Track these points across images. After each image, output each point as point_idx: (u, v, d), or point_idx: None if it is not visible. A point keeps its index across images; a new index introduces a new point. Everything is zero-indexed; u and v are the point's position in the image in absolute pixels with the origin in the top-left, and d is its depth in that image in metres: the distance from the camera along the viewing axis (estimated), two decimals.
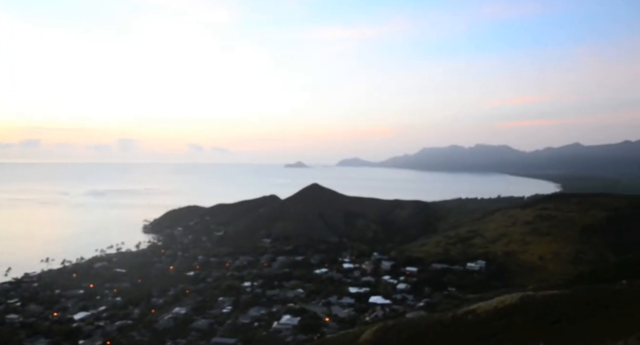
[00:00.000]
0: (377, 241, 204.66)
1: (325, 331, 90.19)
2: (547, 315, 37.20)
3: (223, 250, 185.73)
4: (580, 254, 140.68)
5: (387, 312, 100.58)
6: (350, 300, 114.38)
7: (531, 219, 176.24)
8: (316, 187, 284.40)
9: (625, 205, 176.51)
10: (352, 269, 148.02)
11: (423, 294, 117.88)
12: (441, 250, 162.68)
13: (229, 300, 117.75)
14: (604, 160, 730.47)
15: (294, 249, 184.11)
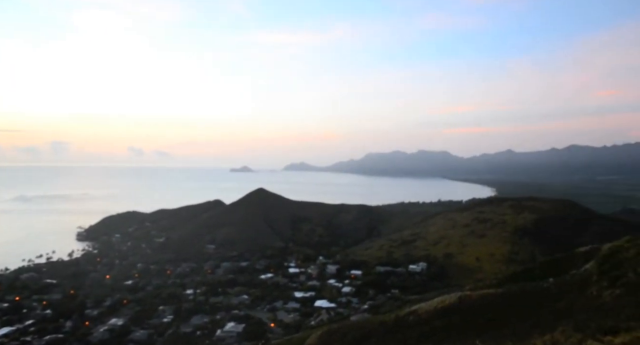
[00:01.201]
0: (323, 245, 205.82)
1: (270, 337, 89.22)
2: (483, 313, 38.94)
3: (164, 257, 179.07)
4: (513, 254, 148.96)
5: (332, 315, 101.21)
6: (296, 305, 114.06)
7: (469, 222, 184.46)
8: (262, 192, 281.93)
9: (552, 207, 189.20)
10: (297, 273, 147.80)
11: (367, 296, 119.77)
12: (385, 253, 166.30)
13: (170, 309, 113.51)
14: (534, 166, 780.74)
15: (239, 255, 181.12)
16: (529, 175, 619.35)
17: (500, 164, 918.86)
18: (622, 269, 35.91)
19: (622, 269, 35.96)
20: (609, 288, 34.55)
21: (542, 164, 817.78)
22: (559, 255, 65.96)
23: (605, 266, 38.14)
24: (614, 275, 35.88)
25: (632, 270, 34.83)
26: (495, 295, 42.83)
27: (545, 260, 70.82)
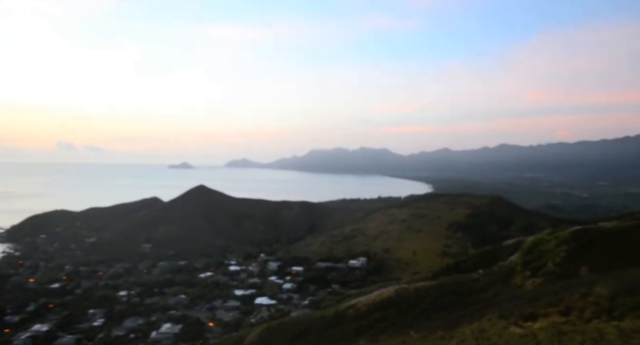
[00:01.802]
0: (265, 242, 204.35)
1: (209, 337, 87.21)
2: (418, 305, 40.19)
3: (95, 258, 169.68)
4: (446, 248, 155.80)
5: (273, 312, 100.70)
6: (236, 303, 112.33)
7: (407, 217, 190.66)
8: (202, 189, 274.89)
9: (484, 203, 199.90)
10: (238, 271, 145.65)
11: (308, 292, 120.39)
12: (326, 249, 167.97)
13: (101, 312, 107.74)
14: (468, 163, 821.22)
15: (177, 254, 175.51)
16: (463, 172, 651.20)
17: (437, 161, 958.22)
18: (543, 260, 38.39)
19: (543, 259, 38.44)
20: (531, 277, 36.81)
21: (475, 162, 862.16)
22: (488, 248, 69.77)
23: (528, 257, 40.62)
24: (536, 265, 38.28)
25: (551, 261, 37.30)
26: (430, 287, 44.37)
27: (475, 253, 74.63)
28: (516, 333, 12.26)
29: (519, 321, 14.93)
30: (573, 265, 35.17)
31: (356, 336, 38.33)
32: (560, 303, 16.09)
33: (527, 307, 17.22)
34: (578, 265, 34.83)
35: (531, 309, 16.35)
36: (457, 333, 14.13)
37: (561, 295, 17.62)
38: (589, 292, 16.09)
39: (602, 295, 14.85)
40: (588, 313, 13.63)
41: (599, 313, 13.32)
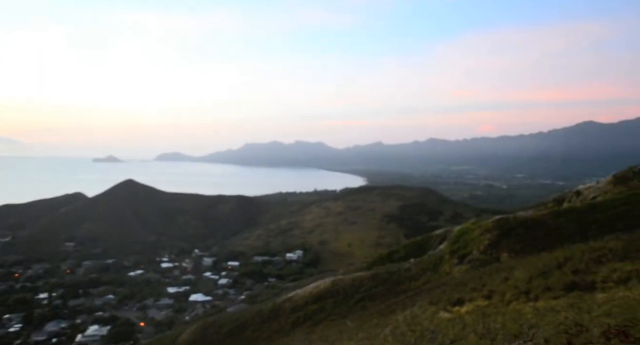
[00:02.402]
0: (199, 238, 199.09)
1: (139, 337, 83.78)
2: (354, 295, 41.22)
3: (11, 259, 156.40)
4: (380, 239, 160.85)
5: (208, 309, 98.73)
6: (169, 301, 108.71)
7: (342, 210, 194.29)
8: (131, 183, 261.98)
9: (415, 195, 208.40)
10: (171, 268, 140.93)
11: (244, 287, 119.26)
12: (262, 243, 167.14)
13: (18, 316, 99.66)
14: (399, 157, 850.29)
15: (104, 252, 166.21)
16: (396, 165, 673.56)
17: (371, 154, 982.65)
18: (469, 248, 40.73)
19: (469, 247, 40.79)
20: (458, 265, 38.96)
21: (407, 155, 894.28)
22: (419, 238, 72.99)
23: (455, 246, 42.90)
24: (462, 253, 40.54)
25: (476, 249, 39.67)
26: (365, 278, 45.63)
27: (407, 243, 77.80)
28: (445, 318, 12.97)
29: (447, 306, 15.81)
30: (495, 252, 37.69)
31: (293, 328, 38.59)
32: (484, 288, 17.22)
33: (454, 292, 18.27)
34: (500, 251, 37.38)
35: (458, 294, 17.37)
36: (390, 320, 14.69)
37: (485, 281, 18.87)
38: (509, 277, 17.37)
39: (520, 278, 16.08)
40: (508, 296, 14.72)
41: (518, 295, 14.43)
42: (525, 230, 38.54)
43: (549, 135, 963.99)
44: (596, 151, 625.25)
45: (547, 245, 32.59)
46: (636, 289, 8.25)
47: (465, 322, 8.63)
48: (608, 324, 3.55)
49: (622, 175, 51.41)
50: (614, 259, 15.68)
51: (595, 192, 50.43)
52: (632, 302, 5.55)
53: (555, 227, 37.69)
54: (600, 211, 37.50)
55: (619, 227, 32.62)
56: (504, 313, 8.58)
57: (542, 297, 12.98)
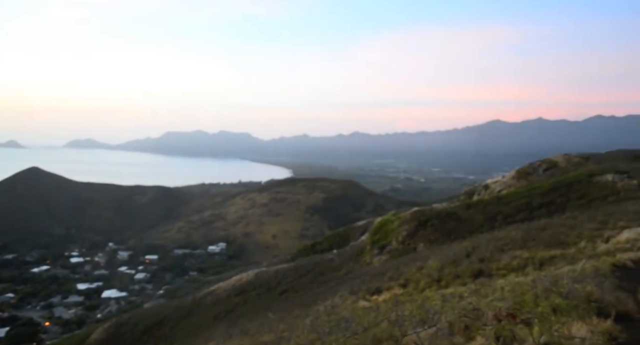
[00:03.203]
0: (114, 230, 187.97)
1: (44, 337, 77.62)
2: (277, 287, 41.31)
3: None
4: (304, 231, 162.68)
5: (123, 305, 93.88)
6: (79, 299, 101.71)
7: (267, 202, 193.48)
8: (36, 172, 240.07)
9: (339, 187, 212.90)
10: (82, 263, 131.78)
11: (164, 281, 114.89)
12: (184, 235, 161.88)
13: None
14: (324, 149, 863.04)
15: (3, 246, 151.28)
16: (321, 157, 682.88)
17: (297, 146, 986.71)
18: (389, 239, 42.44)
19: (389, 238, 42.50)
20: (378, 255, 40.46)
21: (332, 148, 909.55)
22: (342, 229, 74.97)
23: (376, 237, 44.49)
24: (382, 244, 42.16)
25: (395, 239, 41.41)
26: (288, 269, 45.92)
27: (330, 234, 79.57)
28: (364, 306, 13.44)
29: (366, 295, 16.40)
30: (413, 242, 39.65)
31: (215, 322, 37.86)
32: (400, 277, 18.06)
33: (373, 282, 18.98)
34: (417, 242, 39.38)
35: (377, 283, 18.07)
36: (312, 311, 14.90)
37: (401, 270, 19.79)
38: (424, 266, 18.36)
39: (433, 267, 17.07)
40: (422, 284, 15.57)
41: (431, 283, 15.32)
42: (439, 221, 40.94)
43: (463, 132, 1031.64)
44: (503, 148, 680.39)
45: (458, 235, 34.89)
46: (530, 275, 9.13)
47: (380, 310, 8.99)
48: (500, 307, 3.89)
49: (524, 171, 56.38)
50: (515, 247, 17.18)
51: (501, 186, 54.80)
52: (524, 287, 6.12)
53: (466, 218, 40.46)
54: (505, 203, 40.85)
55: (520, 217, 35.77)
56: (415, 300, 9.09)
57: (452, 284, 13.90)
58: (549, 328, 3.74)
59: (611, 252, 12.13)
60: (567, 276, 6.50)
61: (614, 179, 35.54)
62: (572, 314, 4.26)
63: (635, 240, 13.44)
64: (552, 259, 13.01)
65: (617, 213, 20.24)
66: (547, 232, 18.92)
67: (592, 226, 17.89)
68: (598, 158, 52.50)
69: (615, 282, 7.20)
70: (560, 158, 54.20)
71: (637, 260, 10.64)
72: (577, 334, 3.79)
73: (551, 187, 38.78)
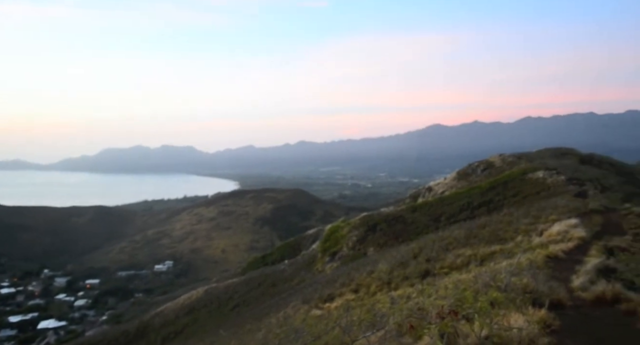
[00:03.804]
0: (51, 256, 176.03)
1: None
2: (228, 302, 40.36)
3: None
4: (255, 243, 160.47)
5: (62, 335, 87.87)
6: (11, 332, 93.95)
7: (214, 215, 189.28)
8: None
9: (287, 197, 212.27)
10: (13, 293, 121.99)
11: (107, 306, 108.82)
12: (127, 256, 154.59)
13: None
14: (271, 159, 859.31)
15: None
16: (268, 168, 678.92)
17: (243, 158, 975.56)
18: (339, 245, 42.77)
19: (339, 245, 42.83)
20: (330, 262, 40.64)
21: (278, 157, 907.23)
22: (292, 239, 74.67)
23: (327, 244, 44.69)
24: (333, 251, 42.39)
25: (345, 245, 41.80)
26: (239, 283, 45.05)
27: (281, 245, 78.99)
28: (316, 315, 13.40)
29: (319, 303, 16.37)
30: (363, 247, 40.16)
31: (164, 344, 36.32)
32: (352, 282, 18.21)
33: (325, 289, 19.00)
34: (367, 246, 39.93)
35: (329, 291, 18.10)
36: (264, 324, 14.69)
37: (353, 275, 19.97)
38: (374, 270, 18.63)
39: (383, 270, 17.37)
40: (373, 288, 15.79)
41: (381, 286, 15.56)
42: (387, 225, 41.81)
43: (405, 136, 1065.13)
44: (443, 151, 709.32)
45: (406, 238, 35.79)
46: (472, 271, 9.52)
47: (332, 317, 9.00)
48: (442, 305, 4.02)
49: (463, 172, 58.98)
50: (458, 246, 17.86)
51: (443, 187, 56.97)
52: (466, 284, 6.36)
53: (413, 221, 41.61)
54: (448, 204, 42.47)
55: (462, 217, 37.30)
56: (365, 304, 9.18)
57: (401, 286, 14.19)
58: (490, 322, 3.89)
59: (544, 244, 12.91)
60: (505, 270, 6.83)
61: (544, 175, 38.00)
62: (510, 306, 4.47)
63: (565, 232, 14.39)
64: (492, 255, 13.64)
65: (549, 207, 21.61)
66: (487, 230, 19.84)
67: (527, 221, 18.96)
68: (529, 157, 55.94)
69: (548, 272, 7.66)
70: (496, 158, 57.27)
71: (568, 250, 11.40)
72: (514, 325, 3.98)
73: (489, 187, 40.82)
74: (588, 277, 7.28)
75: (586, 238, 12.90)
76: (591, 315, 5.55)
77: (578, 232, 13.62)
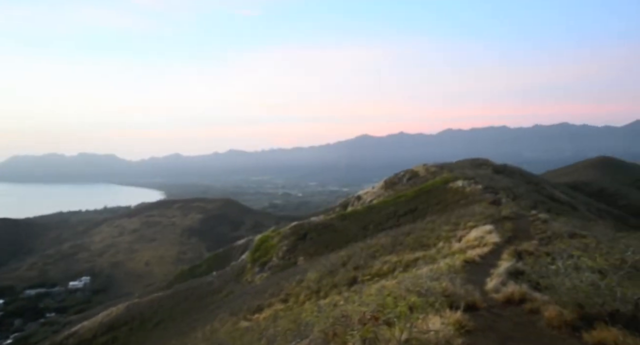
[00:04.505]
0: None
1: None
2: (152, 317, 38.40)
3: None
4: (182, 255, 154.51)
5: None
6: None
7: (138, 227, 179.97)
8: None
9: (216, 206, 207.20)
10: None
11: (12, 328, 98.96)
12: (37, 272, 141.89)
13: None
14: (200, 168, 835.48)
15: None
16: (197, 177, 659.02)
17: (169, 167, 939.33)
18: (269, 255, 42.42)
19: (269, 254, 42.48)
20: (259, 272, 40.14)
21: (207, 166, 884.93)
22: (221, 250, 72.92)
23: (257, 254, 44.16)
24: (263, 261, 41.97)
25: (276, 255, 41.56)
26: (164, 297, 43.07)
27: (210, 256, 76.83)
28: (244, 327, 13.14)
29: (247, 315, 16.06)
30: (293, 257, 40.13)
31: None
32: (281, 292, 18.11)
33: (254, 300, 18.71)
34: (297, 255, 39.94)
35: (258, 301, 17.85)
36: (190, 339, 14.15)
37: (282, 285, 19.87)
38: (303, 279, 18.68)
39: (312, 279, 17.46)
40: (302, 297, 15.80)
41: (310, 295, 15.63)
42: (317, 233, 42.17)
43: (335, 146, 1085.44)
44: (372, 160, 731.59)
45: (336, 246, 36.28)
46: (397, 278, 9.88)
47: (260, 328, 8.88)
48: (364, 311, 4.14)
49: (390, 181, 61.18)
50: (385, 253, 18.43)
51: (371, 196, 58.66)
52: (389, 290, 6.59)
53: (342, 229, 42.33)
54: (376, 212, 43.74)
55: (389, 225, 38.57)
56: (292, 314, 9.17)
57: (330, 294, 14.34)
58: (410, 325, 4.06)
59: (463, 249, 13.71)
60: (426, 275, 7.16)
61: (463, 184, 40.43)
62: (429, 310, 4.70)
63: (481, 238, 15.39)
64: (416, 261, 14.23)
65: (467, 215, 23.01)
66: (412, 237, 20.69)
67: (448, 228, 20.04)
68: (450, 166, 59.31)
69: (465, 276, 8.14)
70: (420, 168, 60.08)
71: (484, 255, 12.19)
72: (432, 328, 4.19)
73: (414, 195, 42.66)
74: (500, 279, 7.84)
75: (499, 243, 13.88)
76: (501, 314, 5.98)
77: (492, 238, 14.63)
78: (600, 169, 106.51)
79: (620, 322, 5.09)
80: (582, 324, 5.22)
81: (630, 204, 78.87)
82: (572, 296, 5.69)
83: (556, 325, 5.32)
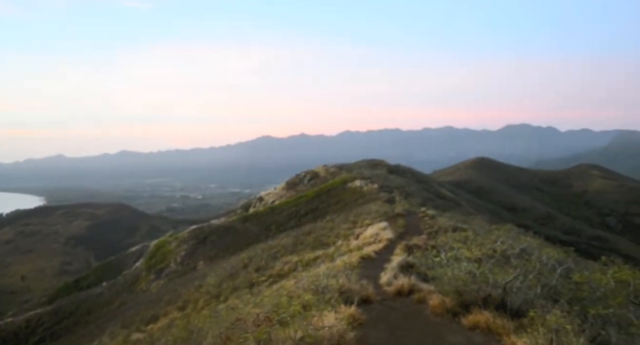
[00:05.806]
0: None
1: None
2: (29, 338, 34.43)
3: None
4: (66, 266, 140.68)
5: None
6: None
7: (12, 238, 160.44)
8: None
9: (106, 212, 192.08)
10: None
11: None
12: None
13: None
14: (87, 171, 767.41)
15: None
16: (83, 180, 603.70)
17: (50, 169, 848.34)
18: (166, 261, 40.40)
19: (166, 260, 40.46)
20: (155, 280, 38.05)
21: (96, 169, 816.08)
22: (112, 258, 67.70)
23: (152, 261, 41.81)
24: (160, 267, 39.87)
25: (173, 261, 39.71)
26: (44, 314, 38.86)
27: (99, 265, 70.93)
28: (136, 339, 12.33)
29: (140, 327, 15.10)
30: (192, 262, 38.67)
31: None
32: (178, 299, 17.34)
33: (149, 310, 17.67)
34: (196, 260, 38.56)
35: (153, 311, 16.88)
36: None
37: (180, 292, 19.02)
38: (202, 284, 18.08)
39: (212, 284, 16.98)
40: (201, 302, 15.28)
41: (210, 300, 15.16)
42: (218, 236, 41.13)
43: (236, 147, 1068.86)
44: (273, 161, 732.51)
45: (237, 248, 35.68)
46: (296, 277, 10.00)
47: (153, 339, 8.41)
48: (258, 313, 4.13)
49: (292, 182, 61.82)
50: (286, 253, 18.56)
51: (273, 197, 58.70)
52: (286, 290, 6.65)
53: (244, 231, 41.78)
54: (278, 213, 43.85)
55: (291, 225, 38.91)
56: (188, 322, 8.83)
57: (230, 298, 14.05)
58: (305, 323, 4.11)
59: (360, 246, 14.30)
60: (324, 273, 7.33)
61: (361, 184, 42.22)
62: (324, 307, 4.82)
63: (376, 235, 16.19)
64: (316, 260, 14.53)
65: (364, 213, 24.06)
66: (312, 236, 21.10)
67: (346, 226, 20.78)
68: (349, 167, 61.60)
69: (361, 272, 8.50)
70: (321, 168, 61.57)
71: (379, 251, 12.84)
72: (327, 324, 4.29)
73: (315, 195, 43.56)
74: (392, 273, 8.32)
75: (393, 239, 14.72)
76: (392, 306, 6.35)
77: (387, 234, 15.46)
78: (478, 168, 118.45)
79: (492, 305, 5.71)
80: (460, 310, 5.76)
81: (503, 200, 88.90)
82: (453, 285, 6.24)
83: (439, 312, 5.79)
